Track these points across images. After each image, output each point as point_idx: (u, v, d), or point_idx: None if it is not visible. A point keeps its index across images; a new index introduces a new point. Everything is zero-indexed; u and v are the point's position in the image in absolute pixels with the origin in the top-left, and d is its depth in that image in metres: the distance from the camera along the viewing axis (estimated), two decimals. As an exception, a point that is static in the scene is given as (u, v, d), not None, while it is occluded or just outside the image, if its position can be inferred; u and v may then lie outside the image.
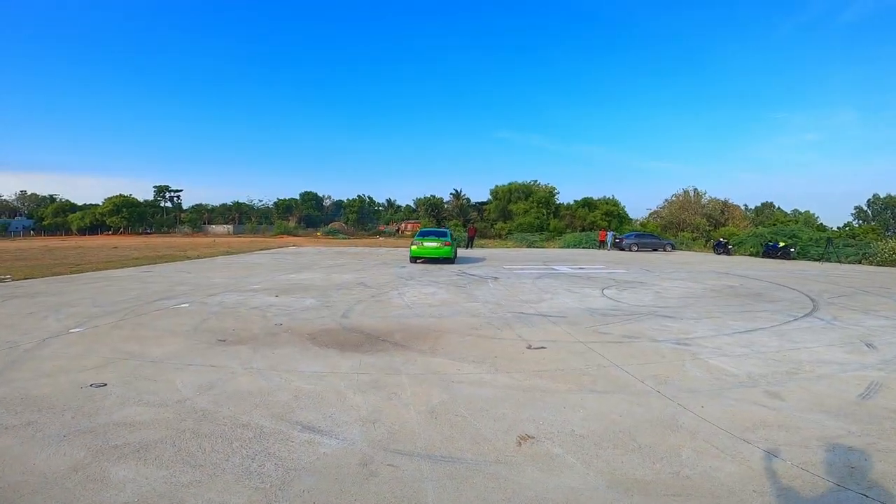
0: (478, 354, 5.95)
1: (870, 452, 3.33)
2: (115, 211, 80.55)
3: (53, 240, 58.27)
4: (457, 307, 9.35)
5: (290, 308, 9.00)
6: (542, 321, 8.07)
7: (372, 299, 10.18)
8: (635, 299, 10.67)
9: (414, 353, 5.96)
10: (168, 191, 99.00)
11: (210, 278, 13.99)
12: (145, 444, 3.38)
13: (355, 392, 4.53)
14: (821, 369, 5.46)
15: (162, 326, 7.30)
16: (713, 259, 25.98)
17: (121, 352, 5.83)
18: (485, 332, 7.18)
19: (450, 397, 4.44)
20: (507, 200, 56.33)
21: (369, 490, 2.83)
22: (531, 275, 15.92)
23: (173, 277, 14.18)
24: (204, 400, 4.25)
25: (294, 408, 4.10)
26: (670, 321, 8.18)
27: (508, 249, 34.32)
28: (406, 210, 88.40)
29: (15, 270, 15.97)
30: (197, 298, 10.04)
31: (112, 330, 7.01)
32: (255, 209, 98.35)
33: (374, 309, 9.02)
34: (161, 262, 19.90)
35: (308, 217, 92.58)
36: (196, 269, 17.16)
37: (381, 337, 6.81)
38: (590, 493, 2.82)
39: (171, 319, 7.83)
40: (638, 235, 34.85)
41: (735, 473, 3.04)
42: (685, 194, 51.44)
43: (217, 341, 6.42)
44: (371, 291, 11.34)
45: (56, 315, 8.08)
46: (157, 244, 40.01)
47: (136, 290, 11.19)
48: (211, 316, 8.14)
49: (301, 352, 5.97)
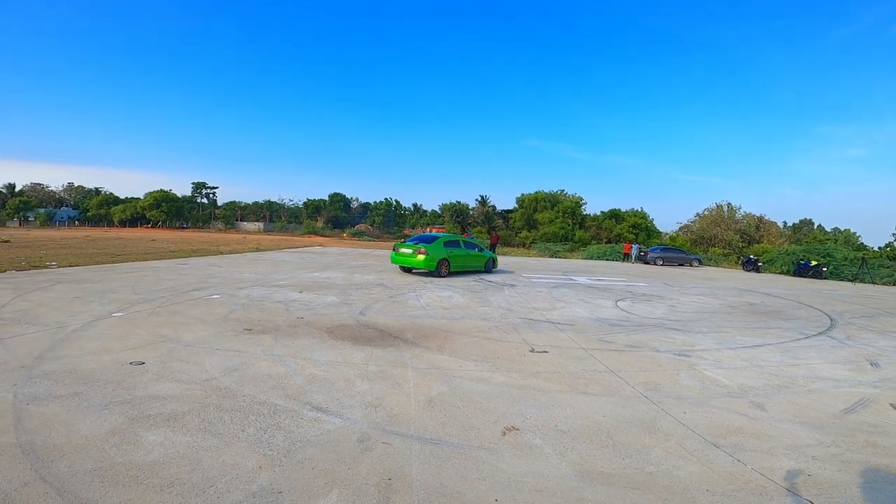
0: (481, 354, 6.30)
1: (831, 462, 3.55)
2: (155, 205, 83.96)
3: (96, 230, 61.37)
4: (470, 311, 9.71)
5: (312, 304, 9.53)
6: (550, 328, 8.36)
7: (390, 299, 10.63)
8: (647, 312, 10.81)
9: (422, 350, 6.35)
10: (205, 187, 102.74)
11: (239, 273, 14.74)
12: (174, 415, 3.87)
13: (363, 380, 4.95)
14: (814, 384, 5.60)
15: (194, 314, 7.91)
16: (740, 276, 25.53)
17: (157, 335, 6.42)
18: (492, 335, 7.52)
19: (448, 390, 4.81)
20: (533, 209, 56.30)
21: (362, 462, 3.24)
22: (548, 284, 16.13)
23: (206, 270, 15.00)
24: (228, 380, 4.75)
25: (306, 390, 4.56)
26: (677, 333, 8.34)
27: (531, 258, 34.42)
28: (431, 215, 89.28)
29: (60, 258, 17.15)
30: (226, 291, 10.70)
31: (150, 316, 7.66)
32: (286, 208, 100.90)
33: (390, 308, 9.47)
34: (195, 256, 20.93)
35: (335, 218, 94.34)
36: (227, 263, 18.03)
37: (393, 334, 7.24)
38: (558, 480, 3.15)
39: (202, 309, 8.45)
40: (663, 249, 34.39)
41: (694, 473, 3.32)
42: (718, 208, 50.23)
43: (243, 330, 6.96)
44: (390, 292, 11.80)
45: (100, 300, 8.81)
46: (191, 238, 41.72)
47: (171, 281, 11.97)
48: (238, 307, 8.73)
49: (318, 343, 6.45)
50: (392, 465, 3.22)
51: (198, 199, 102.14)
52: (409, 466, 3.20)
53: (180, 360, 5.32)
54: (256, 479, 2.97)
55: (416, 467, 3.20)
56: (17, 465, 3.00)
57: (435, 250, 15.80)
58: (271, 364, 5.37)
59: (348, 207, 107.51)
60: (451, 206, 69.34)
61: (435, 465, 3.25)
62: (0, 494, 2.68)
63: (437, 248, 15.91)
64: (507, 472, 3.20)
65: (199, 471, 3.03)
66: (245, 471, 3.05)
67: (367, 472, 3.12)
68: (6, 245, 24.02)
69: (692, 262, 32.59)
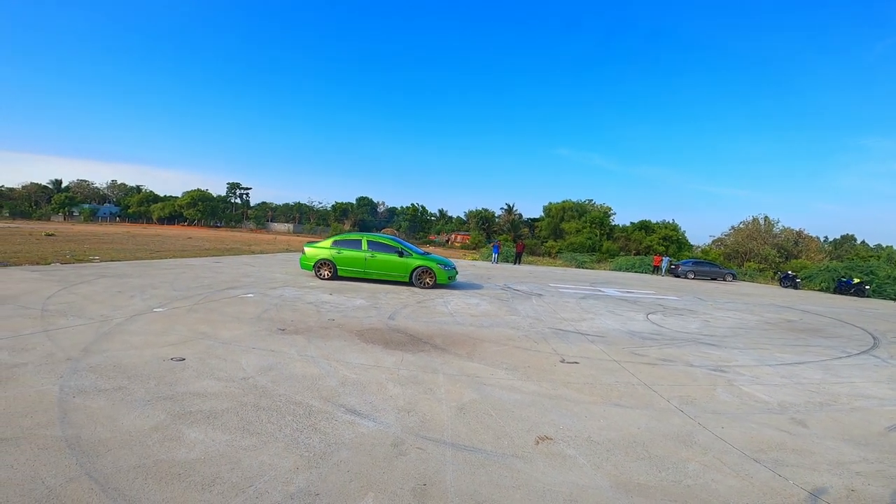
0: (512, 363, 6.28)
1: (876, 478, 3.41)
2: (192, 204, 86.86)
3: (136, 227, 63.75)
4: (497, 319, 9.68)
5: (341, 306, 9.67)
6: (580, 339, 8.26)
7: (417, 305, 10.70)
8: (680, 326, 10.56)
9: (452, 356, 6.37)
10: (238, 188, 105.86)
11: (271, 273, 15.08)
12: (214, 413, 3.98)
13: (395, 384, 5.00)
14: (857, 402, 5.39)
15: (230, 312, 8.13)
16: (778, 292, 24.68)
17: (196, 332, 6.63)
18: (521, 344, 7.48)
19: (480, 397, 4.81)
20: (560, 218, 55.82)
21: (397, 466, 3.26)
22: (576, 294, 15.94)
23: (239, 269, 15.40)
24: (264, 379, 4.86)
25: (340, 392, 4.62)
26: (712, 349, 8.12)
27: (557, 268, 34.10)
28: (457, 221, 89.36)
29: (102, 252, 17.89)
30: (260, 290, 10.96)
31: (188, 313, 7.90)
32: (315, 210, 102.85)
33: (418, 314, 9.52)
34: (229, 255, 21.52)
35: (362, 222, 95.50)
36: (259, 263, 18.46)
37: (423, 339, 7.28)
38: (593, 491, 3.11)
39: (237, 307, 8.68)
40: (696, 262, 33.54)
41: (734, 487, 3.23)
42: (755, 222, 48.75)
43: (277, 330, 7.12)
44: (417, 297, 11.87)
45: (141, 295, 9.15)
46: (224, 238, 42.91)
47: (208, 279, 12.33)
48: (272, 307, 8.93)
49: (349, 345, 6.54)
50: (426, 470, 3.24)
51: (231, 199, 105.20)
52: (443, 472, 3.22)
53: (218, 358, 5.48)
54: (294, 479, 3.02)
55: (451, 473, 3.21)
56: (63, 459, 3.06)
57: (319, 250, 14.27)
58: (305, 365, 5.47)
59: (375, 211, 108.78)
60: (476, 213, 69.34)
61: (469, 471, 3.25)
62: (46, 490, 2.72)
63: (321, 248, 14.30)
64: (542, 482, 3.17)
65: (238, 470, 3.10)
66: (282, 471, 3.12)
67: (401, 476, 3.14)
68: (51, 238, 25.21)
69: (725, 277, 31.70)
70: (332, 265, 13.96)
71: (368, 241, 14.28)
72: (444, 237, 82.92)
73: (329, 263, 13.98)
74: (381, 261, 13.95)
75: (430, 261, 14.23)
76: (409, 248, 14.68)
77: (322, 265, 14.04)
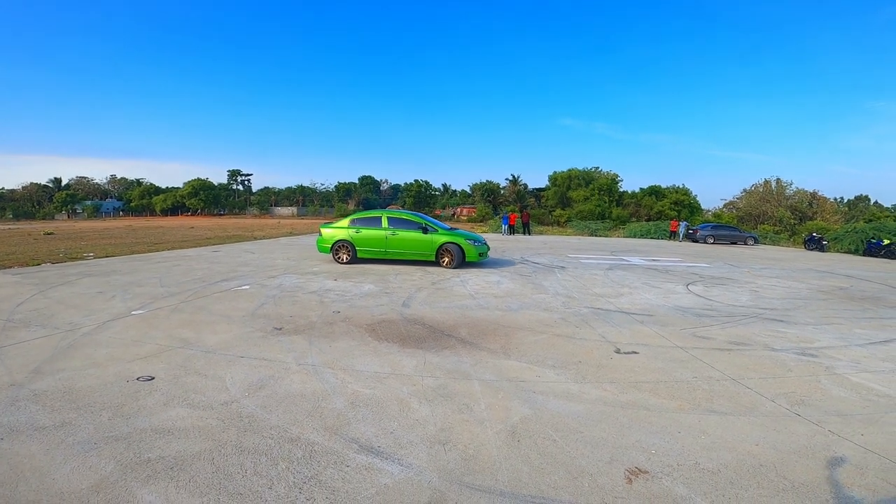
0: (557, 358, 5.16)
1: None
2: (194, 193, 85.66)
3: (138, 220, 62.86)
4: (525, 299, 8.55)
5: (348, 293, 8.57)
6: (626, 319, 7.12)
7: (433, 286, 9.57)
8: (730, 298, 9.38)
9: (484, 354, 5.25)
10: (240, 174, 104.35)
11: (272, 259, 13.97)
12: (181, 460, 2.91)
13: (420, 401, 3.89)
14: None
15: (220, 310, 7.05)
16: (806, 255, 23.32)
17: (175, 339, 5.54)
18: (561, 331, 6.35)
19: (533, 413, 3.70)
20: (567, 187, 54.08)
21: (444, 550, 2.17)
22: (601, 265, 14.74)
23: (238, 258, 14.31)
24: (252, 403, 3.77)
25: (350, 419, 3.52)
26: (782, 326, 6.96)
27: (570, 237, 32.75)
28: (462, 195, 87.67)
29: (98, 248, 16.86)
30: (257, 280, 9.87)
31: (171, 313, 6.83)
32: (318, 192, 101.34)
33: (435, 298, 8.40)
34: (229, 243, 20.43)
35: (366, 200, 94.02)
36: (260, 249, 17.37)
37: (445, 331, 6.17)
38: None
39: (229, 303, 7.59)
40: (715, 227, 32.00)
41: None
42: (766, 184, 46.93)
43: (273, 329, 6.03)
44: (431, 277, 10.74)
45: (123, 295, 8.08)
46: (227, 225, 41.83)
47: (202, 271, 11.25)
48: (269, 300, 7.84)
49: (359, 346, 5.43)
50: (487, 557, 2.14)
51: (233, 186, 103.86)
52: (513, 561, 2.12)
53: (197, 374, 4.39)
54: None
55: (526, 563, 2.11)
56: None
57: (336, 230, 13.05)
58: (305, 378, 4.37)
59: (378, 190, 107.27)
60: (481, 186, 67.42)
61: (552, 557, 2.15)
62: None
63: (339, 228, 13.08)
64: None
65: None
66: (270, 566, 2.04)
67: (450, 569, 2.05)
68: (49, 237, 24.23)
69: (746, 241, 30.22)
70: (351, 246, 12.72)
71: (389, 217, 12.91)
72: (449, 211, 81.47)
73: (348, 245, 12.74)
74: (403, 238, 12.55)
75: (458, 236, 12.69)
76: (434, 223, 13.08)
77: (340, 247, 12.79)
